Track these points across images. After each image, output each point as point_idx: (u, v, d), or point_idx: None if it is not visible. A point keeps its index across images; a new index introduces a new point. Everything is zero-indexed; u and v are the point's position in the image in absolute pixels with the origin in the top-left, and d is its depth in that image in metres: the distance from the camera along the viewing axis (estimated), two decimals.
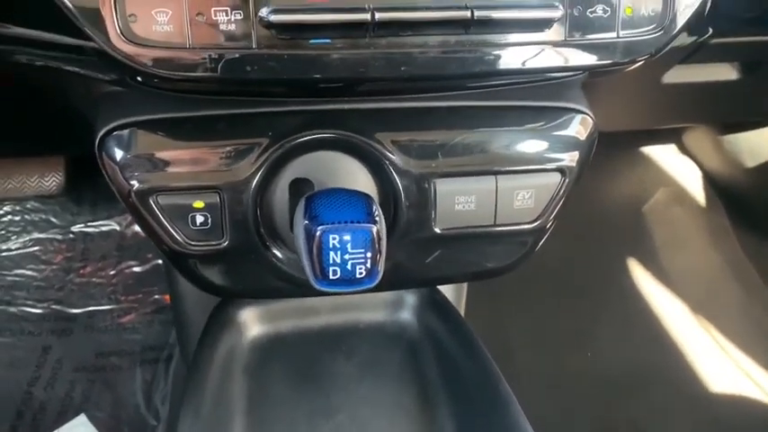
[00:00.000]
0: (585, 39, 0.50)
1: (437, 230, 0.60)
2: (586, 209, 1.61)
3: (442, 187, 0.59)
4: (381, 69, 0.47)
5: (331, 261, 0.47)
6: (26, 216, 1.63)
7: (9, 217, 1.62)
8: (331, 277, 0.47)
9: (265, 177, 0.56)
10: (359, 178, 0.59)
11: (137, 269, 1.54)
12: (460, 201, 0.59)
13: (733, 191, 1.72)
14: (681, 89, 0.97)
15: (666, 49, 0.53)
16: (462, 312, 0.89)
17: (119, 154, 0.54)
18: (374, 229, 0.47)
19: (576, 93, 0.63)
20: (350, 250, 0.47)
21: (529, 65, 0.50)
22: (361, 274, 0.47)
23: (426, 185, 0.58)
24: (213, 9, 0.44)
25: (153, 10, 0.43)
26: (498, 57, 0.49)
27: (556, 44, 0.50)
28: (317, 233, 0.47)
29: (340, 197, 0.51)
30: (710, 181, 1.77)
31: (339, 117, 0.57)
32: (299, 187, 0.58)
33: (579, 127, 0.61)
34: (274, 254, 0.60)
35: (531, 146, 0.60)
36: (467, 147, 0.59)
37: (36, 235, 1.61)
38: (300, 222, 0.50)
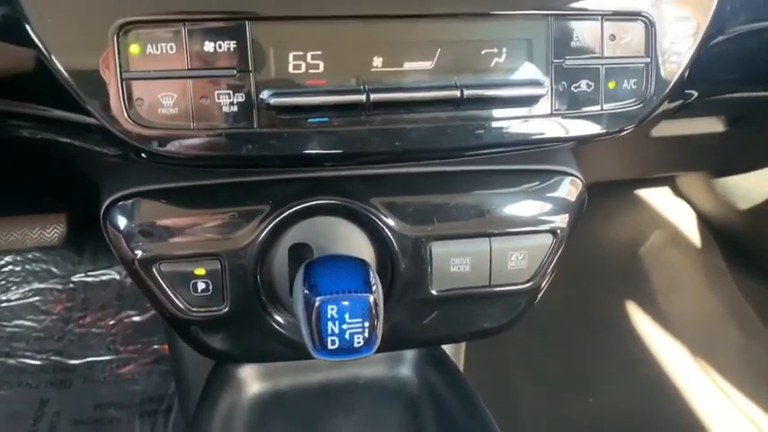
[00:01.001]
0: (571, 112, 0.52)
1: (434, 292, 0.61)
2: (583, 252, 1.63)
3: (438, 250, 0.60)
4: (376, 144, 0.49)
5: (329, 331, 0.48)
6: (27, 266, 1.64)
7: (10, 267, 1.63)
8: (330, 347, 0.48)
9: (265, 244, 0.58)
10: (357, 242, 0.60)
11: (136, 318, 1.54)
12: (456, 263, 0.61)
13: (728, 233, 1.74)
14: (669, 141, 1.00)
15: (650, 118, 0.55)
16: (462, 361, 0.89)
17: (123, 224, 0.56)
18: (371, 299, 0.49)
19: (565, 155, 0.65)
20: (348, 320, 0.48)
21: (517, 138, 0.52)
22: (359, 343, 0.48)
23: (422, 248, 0.60)
24: (216, 92, 0.46)
25: (159, 94, 0.46)
26: (488, 130, 0.51)
27: (543, 117, 0.52)
28: (316, 303, 0.48)
29: (337, 265, 0.52)
30: (705, 223, 1.79)
31: (336, 183, 0.59)
32: (299, 252, 0.59)
33: (569, 189, 0.64)
34: (275, 318, 0.61)
35: (523, 208, 0.62)
36: (460, 210, 0.61)
37: (36, 285, 1.62)
38: (300, 290, 0.51)
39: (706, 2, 0.55)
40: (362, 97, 0.47)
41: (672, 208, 1.82)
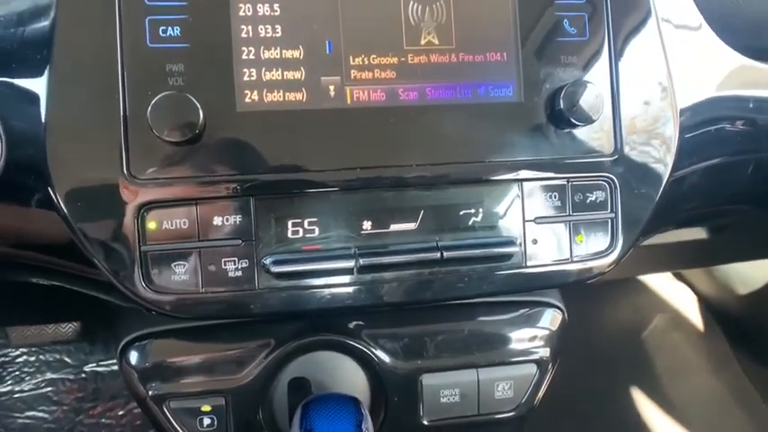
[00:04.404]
0: (543, 263, 0.58)
1: (425, 422, 0.65)
2: (585, 338, 1.65)
3: (428, 382, 0.65)
4: (366, 300, 0.55)
5: None
6: (41, 356, 1.68)
7: (24, 357, 1.67)
8: None
9: (266, 380, 0.63)
10: (352, 375, 0.65)
11: None
12: (445, 393, 0.65)
13: (730, 316, 1.75)
14: (656, 248, 1.05)
15: (620, 262, 0.61)
16: None
17: (137, 363, 0.62)
18: None
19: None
20: None
21: (495, 288, 0.57)
22: None
23: (413, 381, 0.64)
24: (223, 260, 0.52)
25: (173, 263, 0.52)
26: (468, 283, 0.57)
27: (518, 269, 0.57)
28: None
29: (332, 407, 0.57)
30: (707, 306, 1.81)
31: (330, 321, 0.64)
32: (298, 386, 0.64)
33: (552, 320, 0.68)
34: None
35: (508, 340, 0.67)
36: (449, 343, 0.65)
37: (49, 375, 1.65)
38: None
39: (664, 156, 0.60)
40: (352, 263, 0.53)
41: (673, 292, 1.84)
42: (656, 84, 0.60)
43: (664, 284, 1.85)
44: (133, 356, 0.62)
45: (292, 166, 0.53)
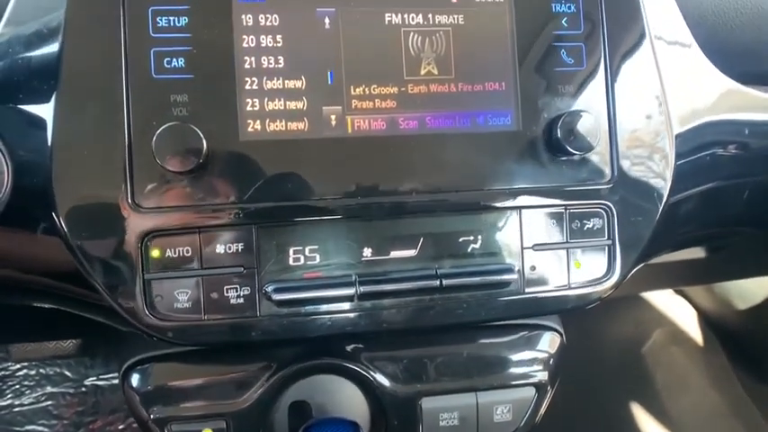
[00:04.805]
0: (540, 291, 0.58)
1: None
2: (584, 352, 1.65)
3: (428, 405, 0.65)
4: (366, 326, 0.56)
5: None
6: (41, 370, 1.68)
7: (25, 371, 1.67)
8: None
9: (266, 403, 0.63)
10: (352, 399, 0.65)
11: None
12: (444, 417, 0.65)
13: (729, 331, 1.76)
14: (655, 267, 1.05)
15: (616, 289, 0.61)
16: None
17: (139, 387, 0.62)
18: None
19: None
20: None
21: (494, 314, 0.58)
22: None
23: (413, 404, 0.65)
24: (225, 287, 0.53)
25: (175, 291, 0.53)
26: (467, 310, 0.57)
27: (517, 295, 0.58)
28: None
29: (332, 429, 0.57)
30: (706, 321, 1.81)
31: (331, 345, 0.64)
32: (298, 409, 0.64)
33: (550, 343, 0.69)
34: None
35: (507, 363, 0.67)
36: (448, 366, 0.66)
37: (49, 389, 1.66)
38: None
39: (660, 182, 0.61)
40: (352, 291, 0.54)
41: (672, 306, 1.85)
42: (652, 111, 0.61)
43: (663, 299, 1.85)
44: (135, 379, 0.62)
45: (294, 195, 0.54)
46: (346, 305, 0.55)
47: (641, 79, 0.61)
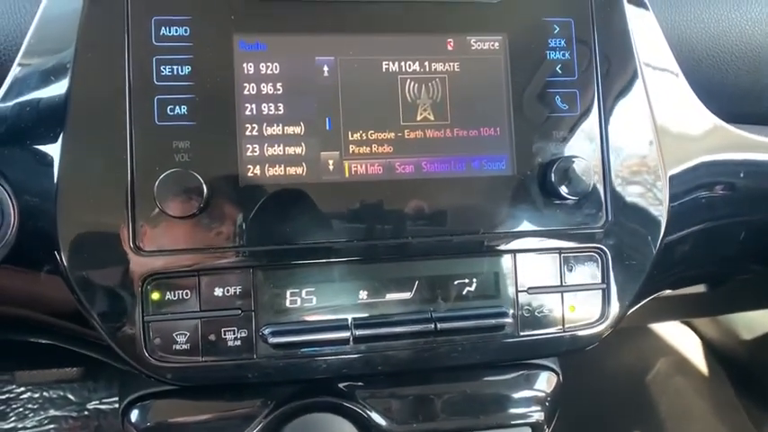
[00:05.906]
0: (535, 334, 0.59)
1: None
2: (587, 381, 1.64)
3: None
4: (361, 368, 0.56)
5: None
6: (44, 393, 1.68)
7: (28, 394, 1.68)
8: None
9: None
10: None
11: None
12: None
13: (735, 361, 1.74)
14: (658, 300, 1.05)
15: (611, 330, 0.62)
16: None
17: (139, 423, 0.63)
18: None
19: None
20: None
21: (489, 358, 0.59)
22: None
23: None
24: (222, 330, 0.54)
25: (174, 333, 0.53)
26: (461, 353, 0.58)
27: (511, 339, 0.59)
28: None
29: None
30: (711, 351, 1.80)
31: (328, 384, 0.65)
32: None
33: (547, 382, 0.69)
34: None
35: (503, 404, 0.67)
36: (444, 407, 0.66)
37: (52, 412, 1.66)
38: None
39: (654, 225, 0.62)
40: (348, 334, 0.55)
41: (677, 336, 1.84)
42: (645, 154, 0.62)
43: (668, 328, 1.84)
44: (135, 416, 0.63)
45: (292, 238, 0.55)
46: (342, 348, 0.56)
47: (634, 123, 0.62)
